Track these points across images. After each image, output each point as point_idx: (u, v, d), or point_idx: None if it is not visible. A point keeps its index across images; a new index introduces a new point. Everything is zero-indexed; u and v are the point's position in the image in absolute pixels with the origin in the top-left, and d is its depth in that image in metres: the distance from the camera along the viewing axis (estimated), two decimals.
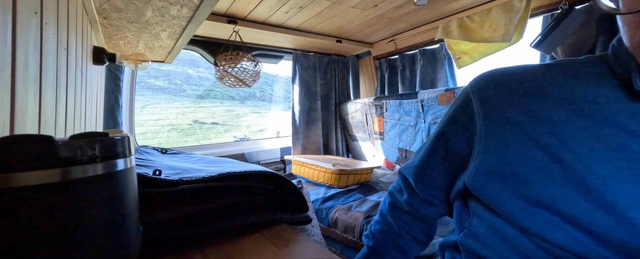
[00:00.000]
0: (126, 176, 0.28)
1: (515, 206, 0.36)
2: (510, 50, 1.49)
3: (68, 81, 0.61)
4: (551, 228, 0.34)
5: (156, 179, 0.42)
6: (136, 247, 0.30)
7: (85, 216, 0.24)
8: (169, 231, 0.41)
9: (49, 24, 0.47)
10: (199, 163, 0.66)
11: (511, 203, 0.37)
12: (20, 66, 0.35)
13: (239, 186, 0.48)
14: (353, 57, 2.49)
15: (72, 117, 0.66)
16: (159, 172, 0.45)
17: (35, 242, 0.22)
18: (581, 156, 0.32)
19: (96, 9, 0.81)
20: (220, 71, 1.59)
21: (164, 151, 0.86)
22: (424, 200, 0.52)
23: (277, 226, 0.50)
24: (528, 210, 0.35)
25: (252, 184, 0.49)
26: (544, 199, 0.34)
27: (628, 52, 0.32)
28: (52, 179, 0.22)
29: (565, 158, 0.33)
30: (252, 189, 0.49)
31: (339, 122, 2.39)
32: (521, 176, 0.36)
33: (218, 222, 0.45)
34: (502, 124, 0.39)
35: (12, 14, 0.33)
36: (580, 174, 0.32)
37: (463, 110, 0.44)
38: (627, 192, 0.30)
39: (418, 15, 1.70)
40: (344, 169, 1.62)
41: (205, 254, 0.41)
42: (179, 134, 3.74)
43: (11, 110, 0.32)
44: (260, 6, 1.48)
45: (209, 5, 0.81)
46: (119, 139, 0.27)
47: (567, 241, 0.33)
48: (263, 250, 0.42)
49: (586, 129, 0.33)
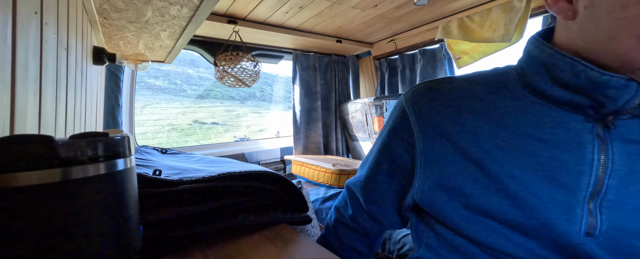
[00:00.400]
0: (126, 176, 0.28)
1: (460, 217, 0.38)
2: (511, 50, 1.49)
3: (68, 81, 0.62)
4: (494, 235, 0.35)
5: (156, 179, 0.42)
6: (136, 247, 0.30)
7: (86, 216, 0.24)
8: (169, 231, 0.41)
9: (49, 24, 0.47)
10: (199, 163, 0.66)
11: (456, 214, 0.38)
12: (20, 66, 0.35)
13: (238, 186, 0.48)
14: (353, 57, 2.49)
15: (72, 117, 0.66)
16: (159, 172, 0.45)
17: (36, 242, 0.22)
18: (504, 165, 0.35)
19: (96, 9, 0.81)
20: (220, 71, 1.59)
21: (164, 151, 0.86)
22: (370, 217, 0.52)
23: (277, 226, 0.50)
24: (472, 219, 0.37)
25: (252, 184, 0.49)
26: (482, 208, 0.36)
27: None
28: (52, 179, 0.22)
29: (492, 169, 0.35)
30: (252, 189, 0.49)
31: (339, 122, 2.39)
32: (460, 188, 0.37)
33: (218, 222, 0.45)
34: (437, 138, 0.40)
35: (12, 14, 0.33)
36: (505, 183, 0.34)
37: (401, 123, 0.44)
38: (544, 192, 0.32)
39: (418, 15, 1.70)
40: (344, 169, 1.61)
41: (205, 254, 0.41)
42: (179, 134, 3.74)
43: (11, 110, 0.32)
44: (260, 6, 1.48)
45: (209, 5, 0.81)
46: (119, 139, 0.27)
47: (510, 247, 0.35)
48: (263, 250, 0.42)
49: (505, 140, 0.35)
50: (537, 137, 0.34)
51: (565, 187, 0.32)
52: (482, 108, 0.38)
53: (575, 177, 0.32)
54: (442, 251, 0.42)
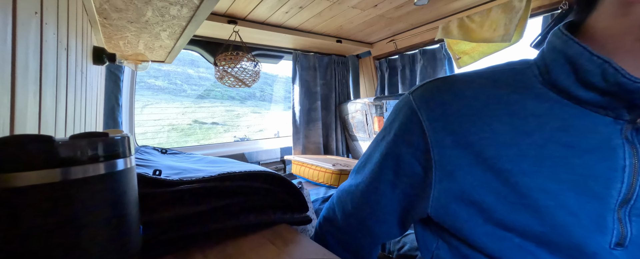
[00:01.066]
0: (126, 176, 0.28)
1: (481, 233, 0.35)
2: (510, 50, 1.49)
3: (68, 81, 0.62)
4: (517, 252, 0.33)
5: (156, 179, 0.42)
6: (136, 247, 0.30)
7: (85, 217, 0.24)
8: (169, 231, 0.41)
9: (49, 24, 0.47)
10: (199, 163, 0.66)
11: (480, 230, 0.35)
12: (20, 66, 0.35)
13: (238, 186, 0.48)
14: (353, 57, 2.49)
15: (72, 117, 0.66)
16: (159, 172, 0.45)
17: (35, 242, 0.22)
18: (534, 176, 0.31)
19: (96, 9, 0.81)
20: (220, 71, 1.59)
21: (164, 151, 0.86)
22: (366, 230, 0.47)
23: (277, 226, 0.50)
24: (494, 235, 0.34)
25: (252, 184, 0.49)
26: (507, 225, 0.33)
27: None
28: (52, 179, 0.22)
29: (519, 182, 0.32)
30: (252, 189, 0.49)
31: (339, 122, 2.39)
32: (482, 203, 0.34)
33: (218, 222, 0.45)
34: (455, 147, 0.35)
35: (12, 14, 0.33)
36: (534, 198, 0.31)
37: (411, 127, 0.39)
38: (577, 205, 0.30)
39: (418, 15, 1.70)
40: (344, 169, 1.61)
41: (205, 254, 0.41)
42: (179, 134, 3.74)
43: (11, 110, 0.32)
44: (260, 6, 1.48)
45: (209, 5, 0.81)
46: (118, 139, 0.27)
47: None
48: (263, 250, 0.42)
49: (533, 148, 0.32)
50: (565, 143, 0.31)
51: (596, 197, 0.30)
52: (504, 111, 0.34)
53: (606, 185, 0.29)
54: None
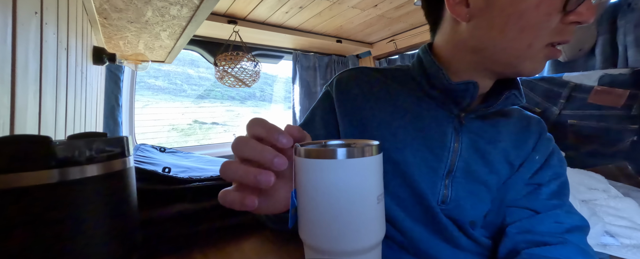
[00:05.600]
0: (124, 176, 0.28)
1: None
2: None
3: (68, 81, 0.62)
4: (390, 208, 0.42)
5: (167, 177, 0.42)
6: (135, 247, 0.30)
7: (83, 217, 0.24)
8: (170, 229, 0.41)
9: (49, 24, 0.47)
10: (199, 162, 0.66)
11: None
12: (20, 66, 0.35)
13: None
14: (353, 57, 2.48)
15: (72, 117, 0.66)
16: (169, 170, 0.45)
17: (33, 243, 0.22)
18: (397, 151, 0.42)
19: (96, 9, 0.81)
20: (220, 71, 1.59)
21: (162, 150, 0.86)
22: None
23: None
24: None
25: None
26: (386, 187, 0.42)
27: None
28: (50, 179, 0.22)
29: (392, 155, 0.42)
30: None
31: None
32: None
33: (219, 221, 0.45)
34: (352, 123, 0.45)
35: (12, 14, 0.33)
36: (402, 169, 0.42)
37: (327, 100, 0.49)
38: (421, 172, 0.41)
39: (418, 15, 1.70)
40: None
41: (205, 254, 0.41)
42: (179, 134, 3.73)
43: (11, 110, 0.32)
44: (260, 6, 1.48)
45: (209, 5, 0.81)
46: (117, 140, 0.27)
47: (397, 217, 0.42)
48: (263, 250, 0.42)
49: (401, 127, 0.43)
50: (418, 128, 0.43)
51: (432, 169, 0.42)
52: (389, 99, 0.45)
53: (438, 161, 0.42)
54: None
